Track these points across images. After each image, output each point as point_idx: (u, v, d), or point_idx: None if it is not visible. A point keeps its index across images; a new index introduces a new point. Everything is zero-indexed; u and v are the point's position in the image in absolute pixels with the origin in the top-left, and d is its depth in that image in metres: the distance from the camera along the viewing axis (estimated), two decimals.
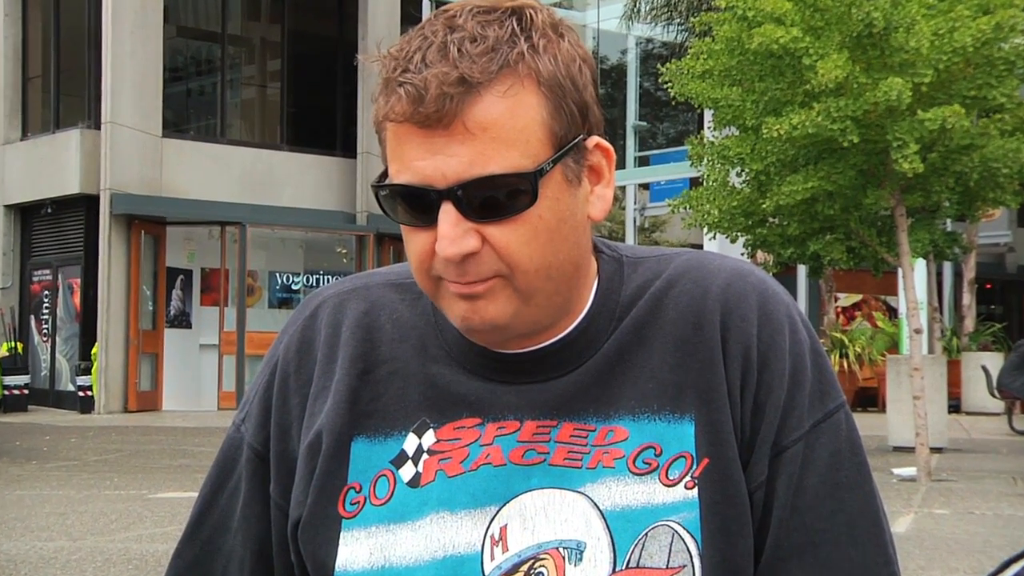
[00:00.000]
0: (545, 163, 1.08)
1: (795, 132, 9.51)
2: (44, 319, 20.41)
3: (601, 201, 1.16)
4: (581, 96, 1.11)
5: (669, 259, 1.24)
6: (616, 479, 1.15)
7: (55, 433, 15.19)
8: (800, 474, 1.16)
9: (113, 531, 7.58)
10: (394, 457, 1.20)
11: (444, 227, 1.08)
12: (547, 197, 1.09)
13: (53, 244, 20.23)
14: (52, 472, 11.01)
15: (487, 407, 1.19)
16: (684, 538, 1.13)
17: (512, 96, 1.07)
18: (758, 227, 11.32)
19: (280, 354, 1.29)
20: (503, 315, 1.13)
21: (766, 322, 1.18)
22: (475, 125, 1.06)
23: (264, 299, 20.42)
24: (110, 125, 18.43)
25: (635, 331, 1.19)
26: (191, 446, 13.43)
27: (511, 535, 1.15)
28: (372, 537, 1.18)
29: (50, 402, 19.87)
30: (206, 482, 1.34)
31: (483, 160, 1.06)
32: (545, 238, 1.10)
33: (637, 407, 1.17)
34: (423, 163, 1.08)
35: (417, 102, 1.06)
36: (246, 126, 22.19)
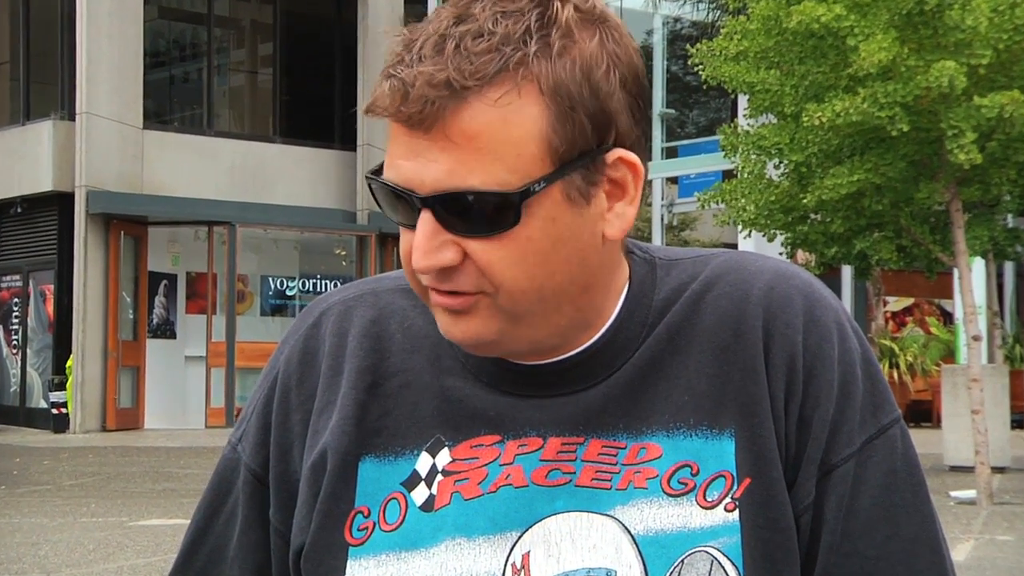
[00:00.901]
0: (535, 182, 1.07)
1: (839, 120, 9.49)
2: (14, 329, 20.49)
3: (620, 220, 1.14)
4: (601, 105, 1.09)
5: (706, 260, 1.24)
6: (649, 501, 1.15)
7: (26, 455, 15.24)
8: (851, 496, 1.16)
9: (91, 562, 7.60)
10: (406, 478, 1.20)
11: (419, 237, 1.09)
12: (539, 217, 1.09)
13: (24, 247, 20.29)
14: (23, 498, 11.05)
15: (507, 423, 1.19)
16: (724, 566, 1.13)
17: (505, 105, 1.06)
18: (798, 224, 11.30)
19: (280, 366, 1.30)
20: (486, 332, 1.13)
21: (813, 328, 1.18)
22: (458, 133, 1.06)
23: (256, 306, 20.47)
24: (86, 116, 18.49)
25: (669, 338, 1.19)
26: (176, 468, 13.46)
27: (534, 563, 1.15)
28: (382, 566, 1.18)
29: (20, 420, 19.93)
30: (199, 507, 1.34)
31: (463, 172, 1.06)
32: (535, 260, 1.10)
33: (671, 422, 1.17)
34: (406, 163, 1.09)
35: (401, 100, 1.07)
36: (235, 116, 22.25)
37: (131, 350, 19.18)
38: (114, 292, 18.82)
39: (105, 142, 18.66)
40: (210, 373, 19.35)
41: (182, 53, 21.99)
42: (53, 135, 19.07)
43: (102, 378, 18.62)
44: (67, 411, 18.56)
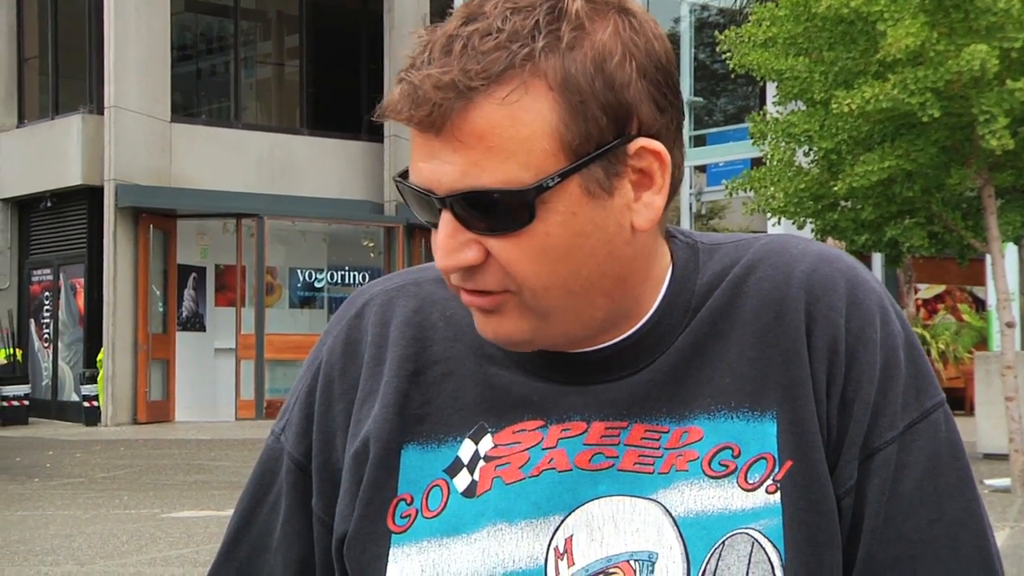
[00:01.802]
0: (548, 177, 1.07)
1: (869, 106, 9.44)
2: (45, 323, 20.63)
3: (648, 209, 1.14)
4: (616, 97, 1.09)
5: (748, 244, 1.25)
6: (690, 483, 1.15)
7: (58, 447, 15.36)
8: (894, 480, 1.16)
9: (124, 554, 7.66)
10: (448, 465, 1.21)
11: (440, 237, 1.11)
12: (557, 212, 1.09)
13: (54, 241, 20.42)
14: (56, 490, 11.14)
15: (550, 408, 1.19)
16: (765, 548, 1.13)
17: (513, 102, 1.06)
18: (828, 212, 11.25)
19: (323, 356, 1.30)
20: (518, 331, 1.14)
21: (855, 311, 1.18)
22: (467, 134, 1.07)
23: (284, 298, 20.53)
24: (114, 109, 18.59)
25: (712, 323, 1.20)
26: (207, 460, 13.54)
27: (577, 547, 1.16)
28: (424, 553, 1.19)
29: (52, 414, 20.07)
30: (243, 496, 1.35)
31: (476, 171, 1.07)
32: (555, 255, 1.10)
33: (713, 404, 1.17)
34: (424, 165, 1.10)
35: (411, 103, 1.08)
36: (262, 109, 22.31)
37: (161, 343, 19.28)
38: (144, 285, 18.92)
39: (133, 136, 18.75)
40: (239, 365, 19.42)
41: (209, 46, 22.06)
42: (82, 129, 19.17)
43: (133, 371, 18.72)
44: (98, 404, 18.68)
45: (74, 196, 19.60)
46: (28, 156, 20.27)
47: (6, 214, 20.92)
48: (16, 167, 20.46)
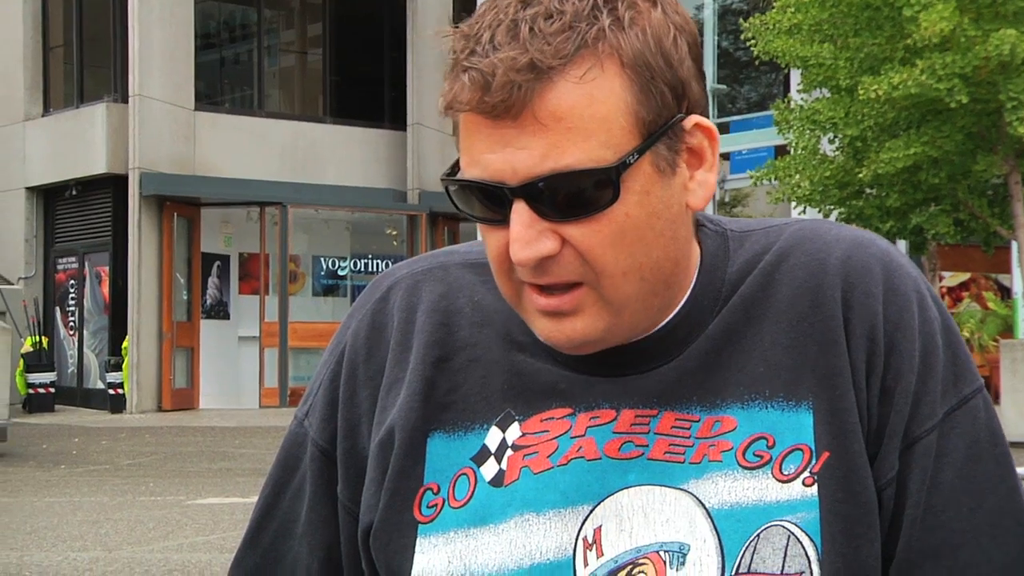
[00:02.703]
0: (629, 154, 1.06)
1: (895, 92, 9.39)
2: (70, 311, 20.73)
3: (702, 188, 1.13)
4: (675, 73, 1.09)
5: (779, 230, 1.22)
6: (724, 474, 1.13)
7: (84, 435, 15.44)
8: (934, 468, 1.14)
9: (151, 540, 7.69)
10: (475, 454, 1.19)
11: (516, 228, 1.07)
12: (634, 191, 1.07)
13: (79, 229, 20.51)
14: (83, 477, 11.20)
15: (579, 395, 1.17)
16: (801, 541, 1.11)
17: (590, 81, 1.05)
18: (853, 199, 11.21)
19: (348, 341, 1.28)
20: (592, 332, 1.12)
21: (892, 297, 1.16)
22: (547, 115, 1.04)
23: (308, 286, 20.58)
24: (138, 98, 18.64)
25: (744, 310, 1.18)
26: (231, 448, 13.58)
27: (606, 538, 1.14)
28: (451, 543, 1.17)
29: (78, 401, 20.18)
30: (267, 482, 1.33)
31: (557, 153, 1.05)
32: (633, 237, 1.09)
33: (746, 394, 1.15)
34: (492, 156, 1.07)
35: (483, 90, 1.05)
36: (285, 97, 22.34)
37: (185, 331, 19.35)
38: (168, 273, 18.99)
39: (157, 124, 18.80)
40: (263, 353, 19.48)
41: (232, 34, 22.09)
42: (106, 118, 19.23)
43: (157, 359, 18.80)
44: (123, 392, 18.77)
45: (99, 184, 19.67)
46: (53, 145, 20.36)
47: (32, 202, 21.02)
48: (41, 156, 20.55)
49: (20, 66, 21.03)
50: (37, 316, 20.15)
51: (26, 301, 20.20)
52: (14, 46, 21.09)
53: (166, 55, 18.94)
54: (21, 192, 20.90)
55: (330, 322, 20.17)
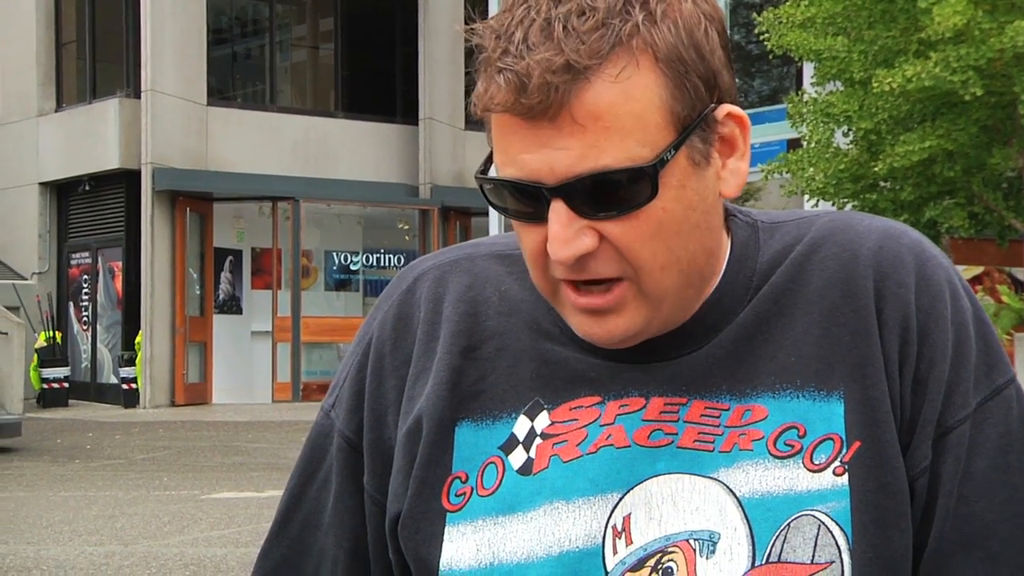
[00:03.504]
0: (666, 150, 1.06)
1: (910, 85, 9.36)
2: (84, 306, 20.78)
3: (735, 176, 1.13)
4: (707, 64, 1.09)
5: (810, 222, 1.22)
6: (755, 463, 1.13)
7: (98, 429, 15.49)
8: (967, 458, 1.14)
9: (166, 534, 7.72)
10: (503, 442, 1.19)
11: (555, 227, 1.07)
12: (671, 186, 1.08)
13: (92, 224, 20.56)
14: (97, 471, 11.23)
15: (608, 383, 1.17)
16: (832, 530, 1.11)
17: (626, 79, 1.04)
18: (867, 192, 11.18)
19: (374, 332, 1.28)
20: (632, 328, 1.12)
21: (925, 288, 1.16)
22: (584, 115, 1.04)
23: (320, 281, 20.61)
24: (151, 93, 18.67)
25: (774, 300, 1.18)
26: (244, 443, 13.61)
27: (635, 526, 1.14)
28: (479, 531, 1.17)
29: (92, 396, 20.24)
30: (293, 474, 1.33)
31: (595, 153, 1.05)
32: (671, 231, 1.09)
33: (777, 383, 1.15)
34: (529, 157, 1.07)
35: (519, 92, 1.04)
36: (297, 92, 22.36)
37: (198, 326, 19.39)
38: (181, 268, 19.02)
39: (170, 119, 18.83)
40: (276, 348, 19.51)
41: (244, 29, 22.11)
42: (119, 113, 19.27)
43: (170, 354, 18.84)
44: (137, 387, 18.82)
45: (112, 180, 19.71)
46: (66, 140, 20.41)
47: (45, 198, 21.07)
48: (54, 151, 20.60)
49: (33, 61, 21.08)
50: (51, 311, 20.21)
51: (40, 296, 20.26)
52: (27, 41, 21.14)
53: (178, 50, 18.96)
54: (34, 187, 20.96)
55: (342, 317, 20.20)
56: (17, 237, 21.20)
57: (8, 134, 21.47)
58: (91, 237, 20.55)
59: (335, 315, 20.22)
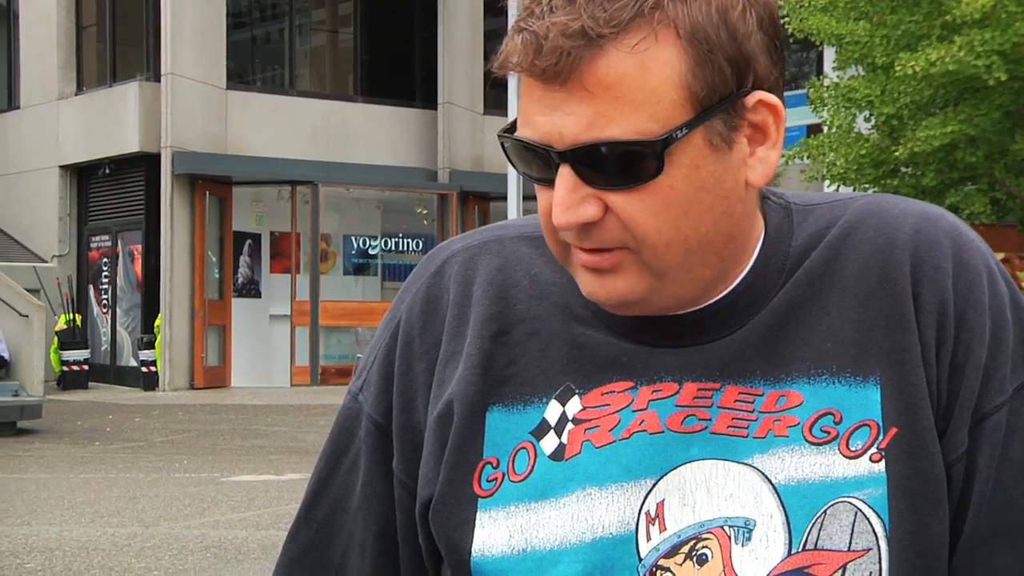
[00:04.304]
0: (676, 129, 1.04)
1: (933, 69, 9.30)
2: (103, 289, 20.86)
3: (763, 164, 1.11)
4: (739, 47, 1.07)
5: (844, 205, 1.21)
6: (790, 449, 1.12)
7: (118, 412, 15.56)
8: (1004, 444, 1.13)
9: (187, 516, 7.75)
10: (534, 427, 1.18)
11: (559, 192, 1.07)
12: (682, 165, 1.06)
13: (112, 207, 20.63)
14: (117, 454, 11.29)
15: (640, 368, 1.16)
16: (869, 517, 1.10)
17: (642, 51, 1.03)
18: (888, 178, 11.13)
19: (403, 315, 1.27)
20: (634, 292, 1.11)
21: (962, 272, 1.15)
22: (595, 83, 1.03)
23: (339, 265, 20.64)
24: (171, 77, 18.70)
25: (809, 284, 1.16)
26: (263, 426, 13.66)
27: (669, 512, 1.13)
28: (511, 517, 1.16)
29: (111, 378, 20.33)
30: (321, 457, 1.33)
31: (603, 122, 1.04)
32: (678, 210, 1.07)
33: (813, 369, 1.14)
34: (542, 119, 1.06)
35: (534, 53, 1.04)
36: (317, 76, 22.36)
37: (217, 309, 19.44)
38: (200, 252, 19.07)
39: (190, 103, 18.86)
40: (295, 332, 19.55)
41: (263, 13, 22.12)
42: (139, 96, 19.30)
43: (189, 337, 18.90)
44: (156, 369, 18.89)
45: (131, 163, 19.77)
46: (86, 123, 20.46)
47: (65, 181, 21.15)
48: (74, 134, 20.67)
49: (53, 45, 21.14)
50: (71, 294, 20.29)
51: (60, 279, 20.35)
52: (47, 25, 21.19)
53: (198, 34, 18.97)
54: (55, 171, 21.04)
55: (360, 301, 20.24)
56: (38, 220, 21.28)
57: (29, 117, 21.54)
58: (111, 220, 20.62)
59: (353, 299, 20.26)
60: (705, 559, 1.12)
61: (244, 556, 6.52)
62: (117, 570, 6.22)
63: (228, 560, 6.41)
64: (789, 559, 1.10)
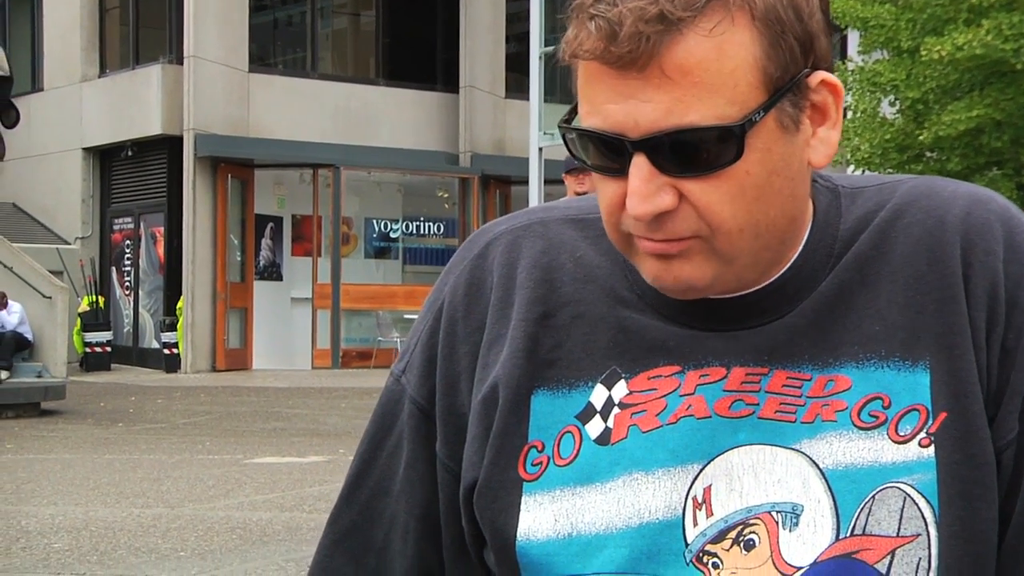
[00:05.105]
0: (755, 111, 1.04)
1: (959, 53, 9.25)
2: (126, 271, 20.94)
3: (825, 145, 1.11)
4: (805, 27, 1.06)
5: (893, 187, 1.20)
6: (839, 434, 1.11)
7: (140, 393, 15.64)
8: None
9: (212, 498, 7.79)
10: (580, 411, 1.17)
11: (635, 182, 1.05)
12: (756, 149, 1.05)
13: (134, 190, 20.70)
14: (140, 435, 11.35)
15: (688, 353, 1.15)
16: (918, 503, 1.09)
17: (719, 35, 1.02)
18: (913, 163, 11.08)
19: (446, 297, 1.26)
20: (701, 277, 1.10)
21: (1013, 255, 1.13)
22: (674, 68, 1.02)
23: (360, 248, 20.67)
24: (193, 60, 18.73)
25: (857, 268, 1.15)
26: (285, 408, 13.71)
27: (716, 497, 1.12)
28: (557, 502, 1.15)
29: (133, 360, 20.42)
30: (363, 439, 1.32)
31: (682, 108, 1.02)
32: (753, 195, 1.06)
33: (861, 353, 1.13)
34: (615, 107, 1.05)
35: (609, 39, 1.02)
36: (338, 59, 22.36)
37: (239, 292, 19.50)
38: (222, 234, 19.12)
39: (212, 85, 18.89)
40: (316, 315, 19.60)
41: None
42: (162, 79, 19.34)
43: (211, 319, 18.97)
44: (178, 352, 18.97)
45: (154, 145, 19.82)
46: (109, 106, 20.52)
47: (88, 163, 21.22)
48: (97, 117, 20.73)
49: (77, 27, 21.19)
50: (93, 276, 20.39)
51: (83, 261, 20.44)
52: (71, 7, 21.23)
53: (221, 17, 18.99)
54: (78, 152, 21.11)
55: (381, 284, 20.27)
56: (61, 202, 21.37)
57: (52, 99, 21.61)
58: (133, 202, 20.68)
59: (374, 283, 20.29)
60: (752, 544, 1.11)
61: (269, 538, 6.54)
62: (144, 551, 6.25)
63: (254, 541, 6.43)
64: (837, 544, 1.09)
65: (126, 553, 6.19)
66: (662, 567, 1.12)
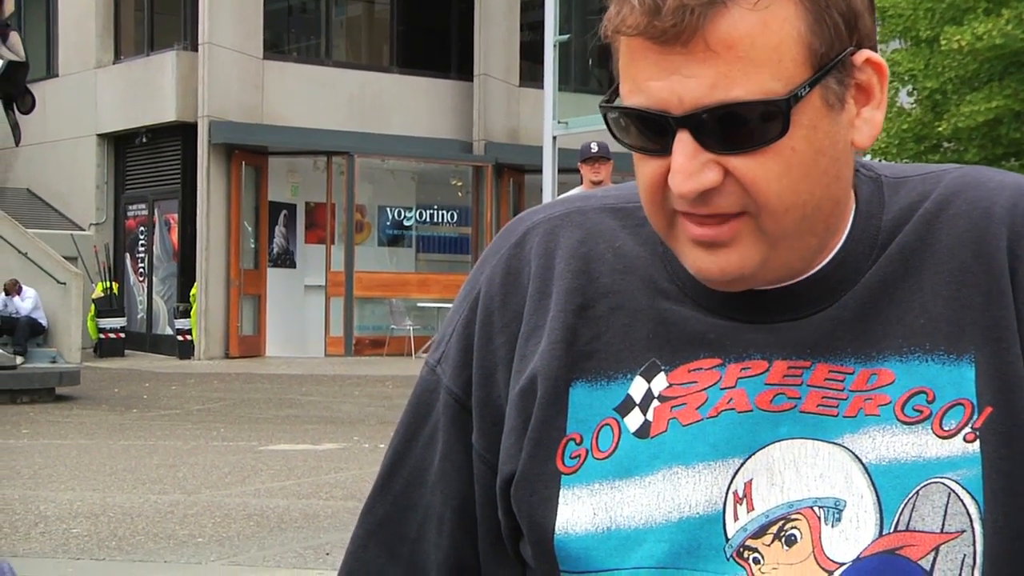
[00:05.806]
0: (800, 87, 1.02)
1: (979, 43, 9.21)
2: (140, 257, 20.98)
3: (869, 126, 1.09)
4: (849, 4, 1.05)
5: (937, 177, 1.18)
6: (882, 428, 1.10)
7: (154, 380, 15.67)
8: None
9: (228, 484, 7.80)
10: (619, 404, 1.16)
11: (679, 159, 1.04)
12: (802, 125, 1.04)
13: (149, 176, 20.72)
14: (155, 421, 11.37)
15: (729, 345, 1.14)
16: (963, 499, 1.08)
17: (764, 8, 1.01)
18: (931, 153, 11.03)
19: (482, 286, 1.25)
20: (748, 265, 1.08)
21: None
22: (718, 42, 1.01)
23: (373, 236, 20.67)
24: (208, 46, 18.73)
25: (901, 260, 1.14)
26: (298, 396, 13.73)
27: (757, 492, 1.11)
28: (595, 495, 1.14)
29: (147, 346, 20.47)
30: (398, 429, 1.31)
31: (726, 83, 1.01)
32: (799, 173, 1.05)
33: (905, 346, 1.11)
34: (658, 84, 1.03)
35: (653, 14, 1.01)
36: (353, 46, 22.34)
37: (252, 279, 19.52)
38: (236, 221, 19.14)
39: (226, 72, 18.89)
40: (329, 302, 19.62)
41: None
42: (176, 66, 19.35)
43: (225, 306, 19.00)
44: (192, 338, 19.00)
45: (168, 132, 19.84)
46: (124, 92, 20.54)
47: (102, 149, 21.25)
48: (112, 103, 20.75)
49: (92, 13, 21.20)
50: (108, 262, 20.43)
51: (97, 247, 20.48)
52: None
53: (235, 4, 18.99)
54: (92, 139, 21.14)
55: (395, 272, 20.28)
56: (75, 188, 21.41)
57: (67, 85, 21.64)
58: (148, 189, 20.72)
59: (388, 270, 20.30)
60: (794, 540, 1.10)
61: (287, 525, 6.55)
62: (162, 537, 6.27)
63: (271, 528, 6.44)
64: (880, 540, 1.08)
65: (144, 539, 6.21)
66: (702, 562, 1.11)
